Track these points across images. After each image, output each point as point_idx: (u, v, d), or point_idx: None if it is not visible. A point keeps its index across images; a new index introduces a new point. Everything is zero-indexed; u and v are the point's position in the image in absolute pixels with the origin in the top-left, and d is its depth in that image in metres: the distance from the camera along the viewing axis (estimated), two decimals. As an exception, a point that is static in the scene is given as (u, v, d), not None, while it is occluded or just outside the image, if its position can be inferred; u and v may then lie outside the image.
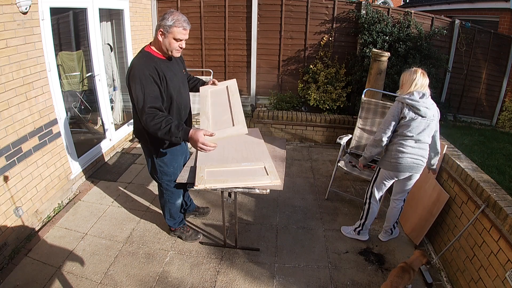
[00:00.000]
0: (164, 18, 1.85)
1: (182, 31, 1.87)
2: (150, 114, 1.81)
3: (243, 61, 5.19)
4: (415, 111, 2.16)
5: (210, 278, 2.27)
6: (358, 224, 2.67)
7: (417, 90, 2.18)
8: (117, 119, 4.43)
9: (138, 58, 1.95)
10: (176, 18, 1.84)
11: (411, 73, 2.21)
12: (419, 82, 2.18)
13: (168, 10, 1.89)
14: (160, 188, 2.41)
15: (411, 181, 2.38)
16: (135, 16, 4.42)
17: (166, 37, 1.88)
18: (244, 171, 2.24)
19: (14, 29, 2.39)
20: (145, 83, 1.83)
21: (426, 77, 2.21)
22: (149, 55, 1.94)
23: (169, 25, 1.84)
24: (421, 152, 2.26)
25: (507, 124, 5.60)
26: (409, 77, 2.21)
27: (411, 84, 2.20)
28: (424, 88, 2.19)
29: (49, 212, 2.88)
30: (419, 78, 2.18)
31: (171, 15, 1.85)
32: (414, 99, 2.16)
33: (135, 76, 1.84)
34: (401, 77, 2.28)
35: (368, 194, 2.57)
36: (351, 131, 3.44)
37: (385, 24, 4.58)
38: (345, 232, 2.75)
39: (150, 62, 1.89)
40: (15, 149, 2.45)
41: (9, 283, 2.17)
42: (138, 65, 1.89)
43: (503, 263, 1.76)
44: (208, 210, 2.94)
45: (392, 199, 2.58)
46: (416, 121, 2.18)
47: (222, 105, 2.23)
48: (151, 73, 1.85)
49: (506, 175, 3.55)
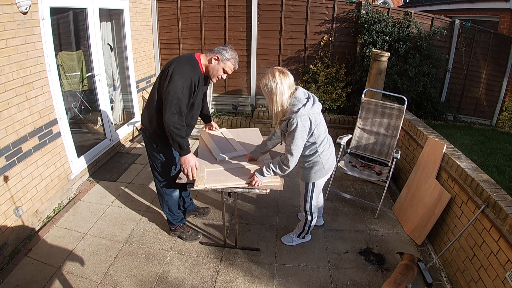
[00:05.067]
0: (224, 50, 2.11)
1: (232, 67, 2.16)
2: (181, 115, 2.04)
3: (243, 61, 5.18)
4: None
5: (210, 278, 2.27)
6: (298, 232, 2.56)
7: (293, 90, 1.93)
8: (117, 119, 4.43)
9: (189, 60, 2.12)
10: (234, 57, 2.14)
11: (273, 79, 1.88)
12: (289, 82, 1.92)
13: (228, 45, 2.16)
14: (157, 178, 2.42)
15: None
16: (135, 16, 4.42)
17: (218, 63, 2.12)
18: (244, 171, 2.25)
19: (14, 29, 2.39)
20: (188, 85, 2.04)
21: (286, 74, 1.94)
22: (197, 65, 2.13)
23: (227, 57, 2.11)
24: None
25: (507, 124, 5.60)
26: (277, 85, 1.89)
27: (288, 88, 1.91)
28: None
29: (49, 212, 2.88)
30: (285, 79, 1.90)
31: (231, 51, 2.13)
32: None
33: (184, 74, 2.02)
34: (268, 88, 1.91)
35: (308, 208, 2.34)
36: (351, 131, 3.44)
37: (385, 24, 4.58)
38: (286, 242, 2.60)
39: (196, 71, 2.10)
40: (15, 149, 2.45)
41: (9, 283, 2.17)
42: (189, 67, 2.07)
43: (503, 263, 1.76)
44: (208, 210, 2.95)
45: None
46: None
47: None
48: (194, 81, 2.07)
49: (506, 175, 3.55)
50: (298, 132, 1.89)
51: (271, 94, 1.90)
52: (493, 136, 4.92)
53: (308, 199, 2.29)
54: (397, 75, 4.50)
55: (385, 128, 3.18)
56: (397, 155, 2.93)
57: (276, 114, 1.97)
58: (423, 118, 4.94)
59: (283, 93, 1.88)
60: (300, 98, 1.93)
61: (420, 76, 4.53)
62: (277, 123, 2.02)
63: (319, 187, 2.28)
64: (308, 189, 2.24)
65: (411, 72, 4.39)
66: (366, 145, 3.31)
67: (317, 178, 2.18)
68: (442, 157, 2.58)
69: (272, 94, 1.89)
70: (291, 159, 1.96)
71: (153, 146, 2.29)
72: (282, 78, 1.87)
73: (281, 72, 1.89)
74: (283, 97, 1.89)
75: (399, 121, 3.08)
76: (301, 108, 1.88)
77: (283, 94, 1.88)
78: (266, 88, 1.91)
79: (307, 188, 2.25)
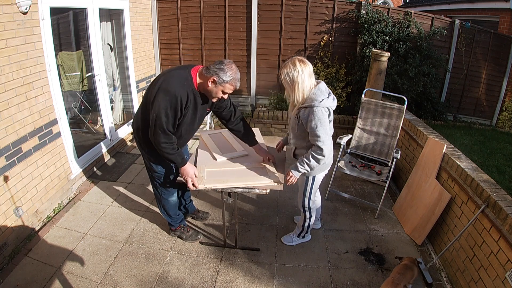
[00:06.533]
0: (222, 70, 1.87)
1: (232, 88, 1.95)
2: (166, 133, 1.92)
3: (243, 61, 5.19)
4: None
5: (210, 278, 2.27)
6: (298, 232, 2.57)
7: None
8: (117, 119, 4.43)
9: (180, 75, 1.95)
10: (233, 77, 1.91)
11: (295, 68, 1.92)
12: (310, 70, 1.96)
13: (227, 60, 1.93)
14: (153, 182, 2.40)
15: None
16: (135, 16, 4.42)
17: (216, 86, 1.92)
18: (244, 171, 2.25)
19: (14, 29, 2.39)
20: (173, 105, 1.88)
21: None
22: (190, 81, 1.95)
23: (224, 80, 1.88)
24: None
25: (507, 124, 5.60)
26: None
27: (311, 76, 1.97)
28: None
29: (49, 212, 2.88)
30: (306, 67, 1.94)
31: (230, 70, 1.89)
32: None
33: (170, 91, 1.87)
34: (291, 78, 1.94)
35: (306, 204, 2.36)
36: (351, 131, 3.44)
37: (385, 24, 4.59)
38: (287, 242, 2.61)
39: (187, 88, 1.92)
40: (15, 149, 2.45)
41: (9, 283, 2.17)
42: (178, 83, 1.91)
43: (503, 263, 1.76)
44: (207, 215, 2.90)
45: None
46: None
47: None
48: (181, 100, 1.90)
49: (506, 175, 3.55)
50: (323, 120, 1.94)
51: (292, 83, 1.94)
52: (493, 136, 4.93)
53: (307, 193, 2.30)
54: (397, 75, 4.50)
55: (385, 128, 3.18)
56: (397, 155, 2.93)
57: (294, 102, 2.01)
58: (423, 118, 4.94)
59: (304, 81, 1.93)
60: (323, 91, 1.99)
61: (420, 76, 4.53)
62: (294, 110, 2.05)
63: (318, 182, 2.30)
64: (308, 183, 2.26)
65: (411, 72, 4.40)
66: (366, 145, 3.31)
67: (318, 172, 2.20)
68: (442, 157, 2.58)
69: (294, 83, 1.93)
70: (324, 147, 1.96)
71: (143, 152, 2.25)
72: (302, 66, 1.91)
73: (301, 61, 1.93)
74: (304, 84, 1.94)
75: (399, 121, 3.08)
76: (325, 99, 1.95)
77: (304, 82, 1.93)
78: (287, 77, 1.93)
79: (307, 182, 2.26)
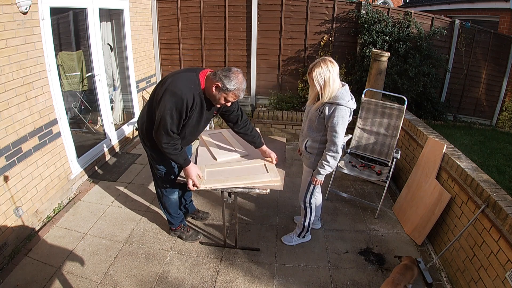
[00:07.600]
0: (228, 78, 1.86)
1: (235, 97, 1.95)
2: (169, 135, 1.95)
3: (243, 61, 5.19)
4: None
5: (210, 278, 2.27)
6: (299, 231, 2.57)
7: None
8: (117, 119, 4.43)
9: (188, 77, 1.95)
10: (238, 86, 1.89)
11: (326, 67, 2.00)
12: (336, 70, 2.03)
13: (235, 69, 1.91)
14: (155, 178, 2.42)
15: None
16: (135, 16, 4.42)
17: (219, 92, 1.92)
18: (244, 170, 2.25)
19: (14, 29, 2.39)
20: (179, 107, 1.89)
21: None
22: (198, 84, 1.95)
23: (228, 88, 1.88)
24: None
25: (507, 124, 5.60)
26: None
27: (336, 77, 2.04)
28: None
29: (49, 212, 2.88)
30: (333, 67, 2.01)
31: (236, 79, 1.88)
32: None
33: (176, 93, 1.88)
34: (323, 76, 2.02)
35: (308, 199, 2.40)
36: (351, 131, 3.43)
37: (385, 24, 4.58)
38: (287, 242, 2.61)
39: (194, 91, 1.93)
40: (15, 149, 2.45)
41: (9, 283, 2.17)
42: (185, 85, 1.91)
43: (503, 263, 1.77)
44: (207, 215, 2.90)
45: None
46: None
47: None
48: (188, 102, 1.90)
49: (506, 175, 3.55)
50: (345, 118, 2.05)
51: (324, 83, 2.02)
52: (493, 136, 4.93)
53: (310, 188, 2.34)
54: (397, 75, 4.50)
55: (385, 128, 3.18)
56: (397, 155, 2.93)
57: (322, 98, 2.07)
58: (423, 118, 4.94)
59: (335, 81, 2.03)
60: (348, 92, 2.09)
61: (420, 76, 4.53)
62: (316, 104, 2.13)
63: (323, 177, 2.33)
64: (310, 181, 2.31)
65: (411, 72, 4.39)
66: (366, 145, 3.31)
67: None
68: (442, 157, 2.58)
69: (326, 82, 2.02)
70: (339, 143, 2.09)
71: (146, 149, 2.28)
72: (333, 67, 2.01)
73: (331, 62, 2.02)
74: (335, 84, 2.03)
75: (399, 121, 3.08)
76: (350, 101, 2.06)
77: (334, 82, 2.03)
78: (319, 77, 2.01)
79: (311, 176, 2.29)
